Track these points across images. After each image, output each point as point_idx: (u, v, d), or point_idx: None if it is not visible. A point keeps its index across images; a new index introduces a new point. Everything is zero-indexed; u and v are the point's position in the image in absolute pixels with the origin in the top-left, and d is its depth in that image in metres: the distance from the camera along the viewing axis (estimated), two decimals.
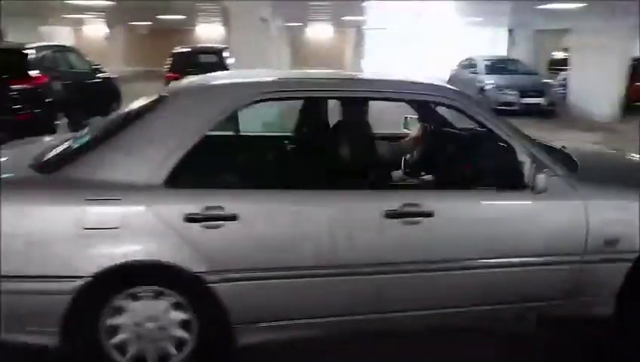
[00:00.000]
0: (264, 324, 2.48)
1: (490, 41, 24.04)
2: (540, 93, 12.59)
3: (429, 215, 2.45)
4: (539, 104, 12.48)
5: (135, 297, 2.34)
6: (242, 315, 2.41)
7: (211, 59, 12.24)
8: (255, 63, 8.02)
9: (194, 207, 2.28)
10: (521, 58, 16.53)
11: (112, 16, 19.96)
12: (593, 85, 12.25)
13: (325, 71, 3.88)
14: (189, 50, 13.37)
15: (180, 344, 2.41)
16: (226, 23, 11.40)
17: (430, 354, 2.80)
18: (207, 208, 2.29)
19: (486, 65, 14.15)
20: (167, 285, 2.33)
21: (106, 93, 9.79)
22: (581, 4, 10.56)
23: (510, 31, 21.23)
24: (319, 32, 28.97)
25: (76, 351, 2.34)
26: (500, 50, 21.77)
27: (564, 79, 14.27)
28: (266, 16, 10.30)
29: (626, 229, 2.64)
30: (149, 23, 23.59)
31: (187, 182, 2.38)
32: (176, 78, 11.96)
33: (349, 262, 2.43)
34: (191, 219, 2.27)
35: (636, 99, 12.59)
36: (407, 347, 2.80)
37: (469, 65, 15.36)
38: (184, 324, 2.40)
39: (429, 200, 2.49)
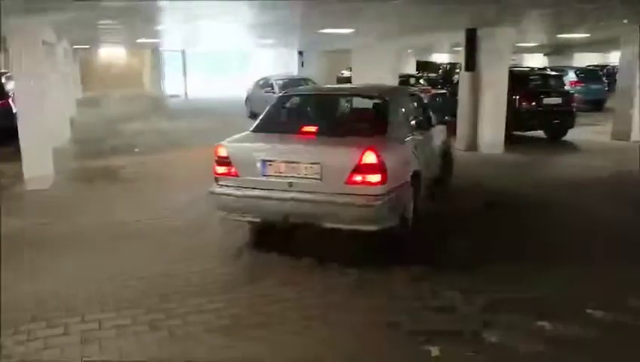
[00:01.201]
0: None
1: (285, 61, 25.61)
2: None
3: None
4: None
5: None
6: (421, 186, 5.48)
7: None
8: (41, 87, 7.67)
9: (417, 141, 5.59)
10: (312, 76, 18.03)
11: None
12: None
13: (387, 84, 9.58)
14: None
15: (408, 207, 5.11)
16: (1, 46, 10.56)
17: None
18: (416, 140, 5.57)
19: (279, 85, 15.14)
20: (415, 179, 5.21)
21: None
22: (351, 30, 12.09)
23: (300, 52, 22.93)
24: (113, 53, 27.87)
25: (401, 223, 4.86)
26: (294, 69, 23.40)
27: None
28: (50, 39, 9.82)
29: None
30: None
31: (412, 131, 5.65)
32: None
33: (428, 152, 6.13)
34: (415, 148, 5.43)
35: None
36: None
37: (265, 84, 16.33)
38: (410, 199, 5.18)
39: (425, 132, 6.18)
